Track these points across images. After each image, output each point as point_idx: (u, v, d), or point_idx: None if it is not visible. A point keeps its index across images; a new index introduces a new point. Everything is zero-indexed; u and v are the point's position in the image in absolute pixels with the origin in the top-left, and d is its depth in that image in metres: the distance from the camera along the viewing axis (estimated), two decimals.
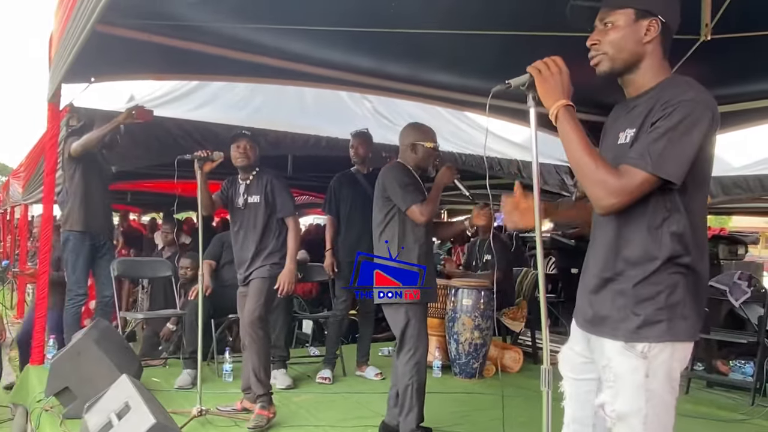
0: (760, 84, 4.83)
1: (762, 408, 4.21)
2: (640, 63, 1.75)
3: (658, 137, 1.59)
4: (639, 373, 1.64)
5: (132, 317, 5.09)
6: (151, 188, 9.92)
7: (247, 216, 3.90)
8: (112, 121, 4.42)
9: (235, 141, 3.94)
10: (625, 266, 1.71)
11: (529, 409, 3.28)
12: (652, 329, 1.65)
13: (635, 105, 1.76)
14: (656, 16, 1.71)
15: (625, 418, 1.66)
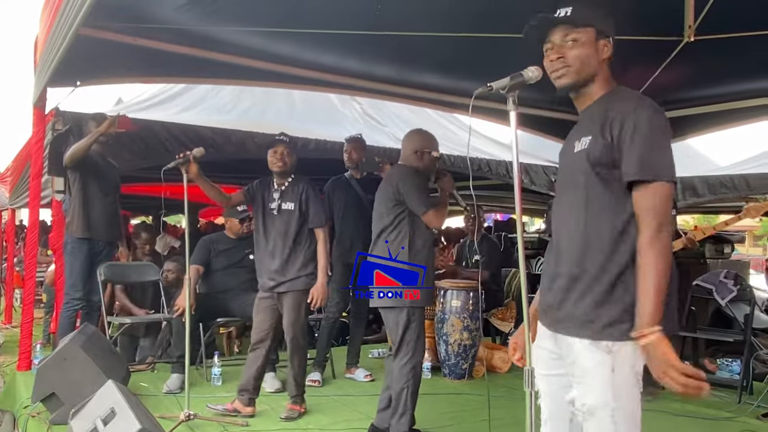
0: (744, 84, 4.87)
1: (749, 406, 4.24)
2: (594, 79, 1.84)
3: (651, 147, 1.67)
4: (605, 368, 1.69)
5: (119, 321, 5.06)
6: (140, 192, 9.87)
7: (279, 222, 3.91)
8: (94, 131, 4.39)
9: (273, 146, 3.96)
10: (591, 267, 1.76)
11: (517, 409, 3.27)
12: (616, 329, 1.70)
13: (584, 116, 1.87)
14: (610, 37, 1.84)
15: (594, 412, 1.72)
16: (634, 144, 1.68)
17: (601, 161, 1.73)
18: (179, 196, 3.83)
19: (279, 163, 3.90)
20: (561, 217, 1.89)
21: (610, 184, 1.74)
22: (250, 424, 3.73)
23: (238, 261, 4.86)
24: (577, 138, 1.84)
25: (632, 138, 1.68)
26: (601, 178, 1.74)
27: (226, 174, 7.83)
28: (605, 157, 1.72)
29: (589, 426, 1.74)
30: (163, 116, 5.46)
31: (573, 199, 1.82)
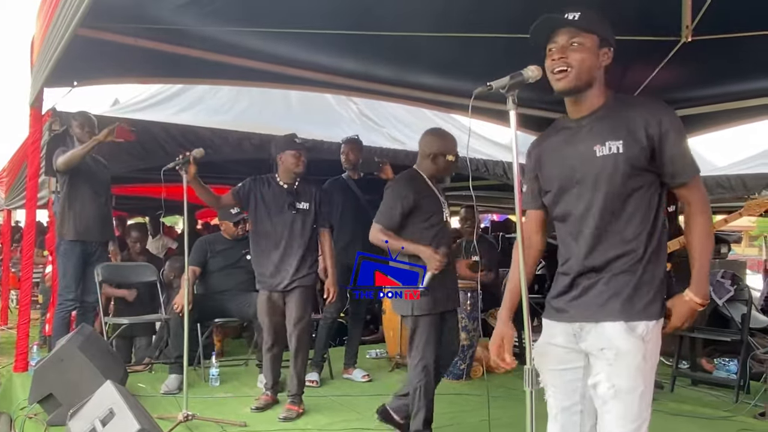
0: (741, 84, 4.89)
1: (745, 405, 4.24)
2: (592, 84, 1.92)
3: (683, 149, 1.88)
4: (639, 355, 1.82)
5: (116, 322, 5.05)
6: (137, 192, 9.85)
7: (294, 221, 3.99)
8: (92, 139, 4.38)
9: (295, 149, 4.04)
10: (625, 258, 1.88)
11: (516, 409, 3.28)
12: (649, 310, 1.86)
13: (593, 121, 1.93)
14: (611, 47, 1.93)
15: (621, 395, 1.81)
16: (678, 148, 1.86)
17: (639, 163, 1.85)
18: (177, 197, 3.83)
19: (301, 165, 4.02)
20: (586, 215, 1.93)
21: (640, 181, 1.87)
22: (248, 424, 3.73)
23: (235, 261, 4.86)
24: (597, 143, 1.89)
25: (674, 142, 1.85)
26: (634, 177, 1.86)
27: (222, 174, 7.82)
28: (642, 158, 1.85)
29: (613, 407, 1.82)
30: (160, 117, 5.46)
31: (603, 197, 1.89)
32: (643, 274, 1.87)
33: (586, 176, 1.92)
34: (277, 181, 4.07)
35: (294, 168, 4.02)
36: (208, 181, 4.00)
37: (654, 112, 1.86)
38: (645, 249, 1.87)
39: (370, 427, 3.77)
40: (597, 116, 1.93)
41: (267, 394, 4.10)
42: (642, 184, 1.87)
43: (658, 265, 1.89)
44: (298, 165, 4.01)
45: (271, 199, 4.01)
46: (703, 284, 1.88)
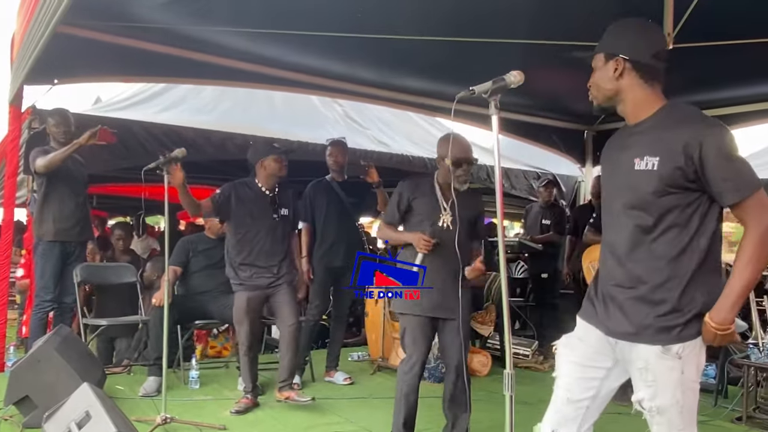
0: (720, 93, 4.95)
1: (723, 409, 4.29)
2: (620, 95, 1.96)
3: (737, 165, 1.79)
4: (676, 372, 1.83)
5: (94, 323, 4.98)
6: (117, 192, 9.75)
7: (276, 227, 4.12)
8: (73, 143, 4.33)
9: (277, 154, 4.12)
10: (661, 279, 1.86)
11: (496, 412, 3.29)
12: (685, 334, 1.83)
13: (639, 131, 1.93)
14: (619, 55, 1.94)
15: (664, 412, 1.85)
16: (720, 170, 1.77)
17: (674, 182, 1.81)
18: (158, 197, 3.80)
19: (284, 170, 4.12)
20: (620, 228, 1.95)
21: (676, 199, 1.83)
22: (227, 427, 3.69)
23: (217, 261, 4.80)
24: (637, 155, 1.89)
25: (716, 165, 1.77)
26: (669, 194, 1.83)
27: (206, 175, 7.77)
28: (679, 178, 1.81)
29: (659, 422, 1.87)
30: (142, 116, 5.41)
31: (637, 214, 1.89)
32: (682, 296, 1.83)
33: (624, 188, 1.93)
34: (258, 186, 4.12)
35: (278, 173, 4.10)
36: (190, 181, 3.97)
37: (696, 133, 1.80)
38: (680, 269, 1.84)
39: (350, 430, 3.77)
40: (644, 127, 1.93)
41: (247, 397, 4.08)
42: (680, 202, 1.84)
43: (698, 287, 1.83)
44: (281, 170, 4.10)
45: (253, 205, 4.06)
46: (724, 308, 1.78)
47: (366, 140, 6.49)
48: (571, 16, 3.68)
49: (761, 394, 4.08)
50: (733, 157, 1.79)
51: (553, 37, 3.82)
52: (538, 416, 2.05)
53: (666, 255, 1.84)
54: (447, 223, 3.31)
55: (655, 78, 1.94)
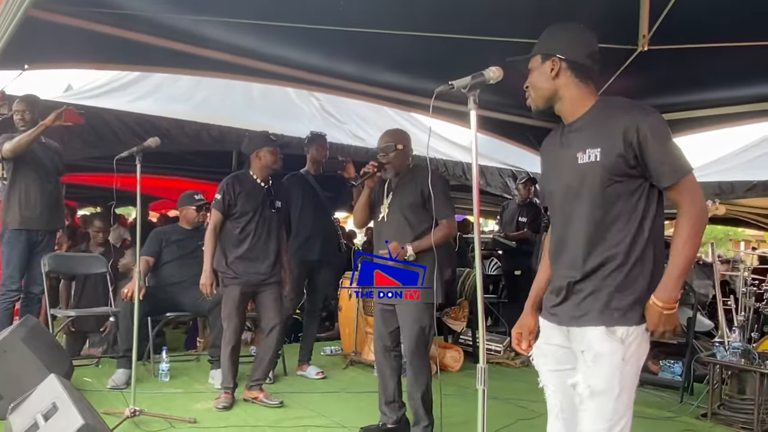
0: (692, 95, 5.03)
1: (689, 406, 4.38)
2: (558, 94, 2.01)
3: (668, 149, 1.86)
4: (617, 356, 1.85)
5: (63, 314, 4.90)
6: (88, 181, 9.59)
7: (273, 220, 4.14)
8: (38, 125, 4.23)
9: (273, 146, 4.13)
10: (607, 263, 1.90)
11: (468, 407, 3.32)
12: (629, 316, 1.87)
13: (578, 128, 1.99)
14: (555, 55, 1.99)
15: (597, 395, 1.85)
16: (658, 153, 1.84)
17: (618, 170, 1.87)
18: (129, 188, 3.73)
19: (279, 162, 4.13)
20: (570, 221, 1.99)
21: (622, 187, 1.88)
22: (197, 420, 3.66)
23: (191, 252, 4.76)
24: (579, 150, 1.94)
25: (654, 148, 1.84)
26: (614, 183, 1.88)
27: (180, 166, 7.68)
28: (622, 165, 1.86)
29: (588, 407, 1.87)
30: (116, 104, 5.32)
31: (585, 204, 1.93)
32: (625, 279, 1.89)
33: (570, 183, 1.97)
34: (253, 178, 4.11)
35: (273, 164, 4.10)
36: (165, 172, 3.92)
37: (633, 118, 1.87)
38: (627, 255, 1.89)
39: (322, 424, 3.76)
40: (582, 123, 1.99)
41: (228, 392, 4.03)
42: (625, 190, 1.89)
43: (643, 271, 1.89)
44: (276, 162, 4.11)
45: (250, 197, 4.05)
46: (669, 289, 1.84)
47: (342, 134, 6.46)
48: (550, 16, 3.69)
49: (726, 392, 4.17)
50: (669, 141, 1.87)
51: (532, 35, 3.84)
52: (508, 411, 2.07)
53: (615, 243, 1.89)
54: (383, 214, 3.45)
55: (589, 77, 2.01)
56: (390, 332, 3.44)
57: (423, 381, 3.32)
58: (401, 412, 3.47)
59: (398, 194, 3.40)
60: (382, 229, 3.44)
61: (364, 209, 3.57)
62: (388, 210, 3.42)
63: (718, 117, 5.46)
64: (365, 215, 3.60)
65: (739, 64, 4.36)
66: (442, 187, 3.40)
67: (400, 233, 3.33)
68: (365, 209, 3.57)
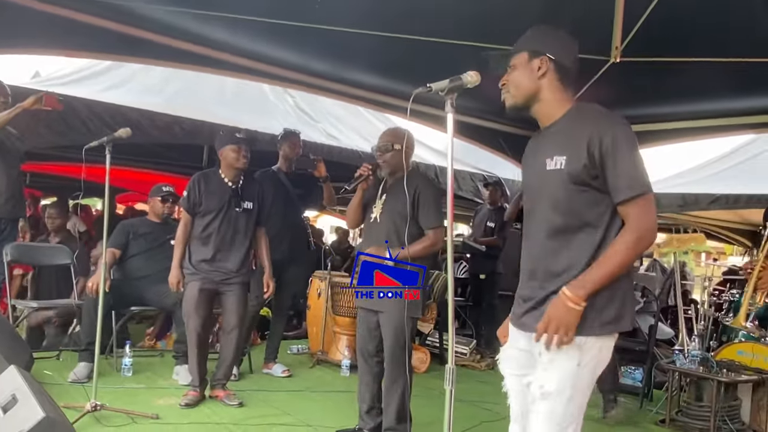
0: (662, 107, 5.14)
1: (648, 412, 4.48)
2: (539, 95, 1.99)
3: (629, 164, 1.82)
4: (572, 361, 1.85)
5: (24, 305, 4.79)
6: (53, 171, 9.38)
7: (240, 220, 4.03)
8: (15, 106, 4.13)
9: (238, 143, 4.01)
10: (567, 271, 1.88)
11: (434, 408, 3.34)
12: (587, 325, 1.84)
13: (551, 133, 1.98)
14: (545, 54, 1.97)
15: (549, 397, 1.86)
16: (617, 167, 1.81)
17: (581, 179, 1.85)
18: (95, 179, 3.66)
19: (244, 160, 4.01)
20: (535, 228, 1.99)
21: (587, 197, 1.86)
22: (160, 416, 3.61)
23: (159, 245, 4.70)
24: (548, 156, 1.92)
25: (615, 161, 1.81)
26: (579, 192, 1.87)
27: (149, 159, 7.56)
28: (585, 175, 1.84)
29: (540, 407, 1.87)
30: (86, 93, 5.20)
31: (548, 211, 1.92)
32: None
33: (539, 189, 1.98)
34: (221, 177, 4.05)
35: (235, 163, 4.00)
36: (134, 165, 3.87)
37: (600, 129, 1.84)
38: (589, 264, 1.86)
39: (287, 422, 3.74)
40: (555, 128, 1.98)
41: (195, 390, 3.98)
42: (590, 200, 1.86)
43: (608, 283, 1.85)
44: (238, 160, 3.99)
45: (215, 196, 3.98)
46: (584, 287, 1.81)
47: (316, 133, 6.44)
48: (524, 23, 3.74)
49: (684, 398, 4.27)
50: (631, 154, 1.83)
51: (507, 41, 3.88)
52: (472, 413, 2.09)
53: (577, 253, 1.88)
54: (375, 214, 3.42)
55: (570, 82, 2.00)
56: (372, 339, 3.39)
57: (399, 390, 3.27)
58: (379, 420, 3.42)
59: (391, 197, 3.35)
60: (372, 230, 3.41)
61: (357, 210, 3.52)
62: (380, 211, 3.37)
63: (684, 130, 5.59)
64: (358, 216, 3.55)
65: (705, 79, 4.48)
66: (432, 195, 3.34)
67: (389, 237, 3.29)
68: (358, 210, 3.52)
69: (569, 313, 1.81)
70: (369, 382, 3.44)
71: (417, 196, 3.25)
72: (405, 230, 3.16)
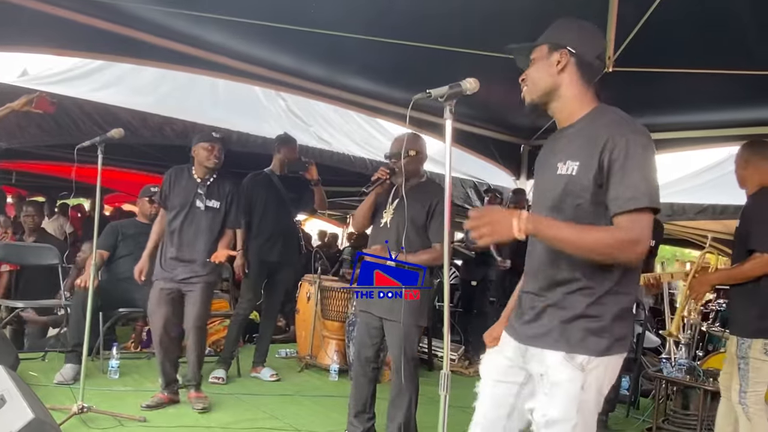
0: (653, 117, 5.18)
1: (635, 420, 4.50)
2: (558, 91, 1.88)
3: (638, 175, 1.68)
4: (575, 384, 1.74)
5: (10, 305, 4.73)
6: (41, 170, 9.30)
7: (204, 218, 3.94)
8: (5, 106, 4.08)
9: (211, 142, 3.95)
10: (571, 284, 1.79)
11: (422, 414, 3.34)
12: (592, 343, 1.75)
13: (568, 134, 1.87)
14: (566, 47, 1.86)
15: (554, 425, 1.76)
16: (618, 177, 1.69)
17: (590, 188, 1.74)
18: (82, 179, 3.63)
19: (215, 159, 3.95)
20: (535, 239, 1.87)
21: (593, 208, 1.75)
22: (147, 419, 3.58)
23: None
24: (561, 160, 1.83)
25: (619, 171, 1.69)
26: (585, 201, 1.76)
27: (140, 160, 7.51)
28: (594, 184, 1.74)
29: None
30: (76, 93, 5.17)
31: (552, 217, 1.80)
32: (590, 306, 1.76)
33: (545, 193, 1.88)
34: (192, 173, 4.01)
35: (205, 161, 3.95)
36: (122, 165, 3.84)
37: (613, 135, 1.71)
38: (595, 281, 1.76)
39: (275, 426, 3.73)
40: (572, 130, 1.86)
41: (163, 393, 3.91)
42: (598, 211, 1.74)
43: (611, 300, 1.76)
44: (209, 158, 3.93)
45: (182, 192, 3.95)
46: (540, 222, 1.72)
47: (308, 137, 6.43)
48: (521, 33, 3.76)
49: (670, 407, 4.30)
50: (639, 168, 1.69)
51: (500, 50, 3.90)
52: (460, 419, 2.08)
53: (581, 265, 1.76)
54: (386, 219, 3.37)
55: (591, 80, 1.89)
56: (373, 345, 3.36)
57: (406, 402, 3.22)
58: (370, 424, 3.39)
59: (403, 204, 3.20)
60: (381, 235, 3.36)
61: (368, 213, 3.46)
62: (391, 217, 3.33)
63: (674, 140, 5.64)
64: (368, 219, 3.49)
65: (695, 91, 4.53)
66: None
67: (397, 244, 3.24)
68: (369, 213, 3.46)
69: (505, 229, 1.67)
70: (362, 385, 3.41)
71: (434, 207, 3.25)
72: (414, 238, 3.18)
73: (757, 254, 2.98)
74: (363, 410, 3.41)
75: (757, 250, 2.99)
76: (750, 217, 3.11)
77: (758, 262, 2.97)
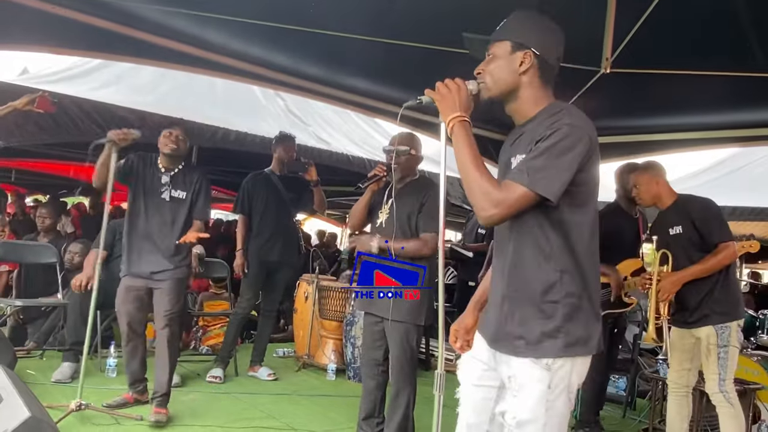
0: (650, 119, 5.19)
1: (632, 421, 4.51)
2: (517, 92, 1.84)
3: (537, 156, 1.68)
4: (542, 384, 1.74)
5: (8, 304, 4.74)
6: (40, 168, 9.31)
7: (168, 209, 3.78)
8: (6, 105, 4.08)
9: (170, 128, 3.84)
10: (523, 288, 1.79)
11: (419, 414, 3.34)
12: (550, 345, 1.74)
13: (522, 132, 1.86)
14: (530, 48, 1.81)
15: (524, 426, 1.75)
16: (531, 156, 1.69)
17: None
18: (83, 177, 3.63)
19: (172, 145, 3.79)
20: (499, 240, 1.90)
21: (544, 208, 1.72)
22: (145, 418, 3.59)
23: None
24: (513, 154, 1.84)
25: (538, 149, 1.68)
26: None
27: None
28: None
29: None
30: (75, 92, 5.17)
31: (513, 219, 1.77)
32: (543, 306, 1.75)
33: None
34: (157, 163, 3.87)
35: (163, 148, 3.81)
36: None
37: (545, 124, 1.70)
38: (548, 282, 1.75)
39: (272, 426, 3.73)
40: (528, 126, 1.84)
41: (128, 393, 3.83)
42: (545, 211, 1.72)
43: (562, 301, 1.74)
44: (166, 144, 3.79)
45: (147, 181, 3.81)
46: (463, 127, 1.78)
47: (307, 136, 6.44)
48: None
49: (667, 408, 4.30)
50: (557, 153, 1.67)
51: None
52: (454, 419, 2.08)
53: (539, 264, 1.76)
54: (381, 218, 3.37)
55: (550, 80, 1.86)
56: (378, 346, 3.35)
57: (404, 402, 3.22)
58: (379, 429, 3.38)
59: (399, 202, 3.28)
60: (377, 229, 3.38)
61: (363, 211, 3.46)
62: (386, 216, 3.33)
63: (671, 142, 5.64)
64: (364, 218, 3.48)
65: (693, 92, 4.53)
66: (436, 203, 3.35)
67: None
68: (364, 212, 3.46)
69: (448, 108, 1.79)
70: (372, 389, 3.40)
71: (425, 202, 3.25)
72: (409, 234, 3.20)
73: (722, 245, 3.30)
74: (372, 414, 3.39)
75: (722, 241, 3.31)
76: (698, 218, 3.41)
77: (729, 251, 3.31)
